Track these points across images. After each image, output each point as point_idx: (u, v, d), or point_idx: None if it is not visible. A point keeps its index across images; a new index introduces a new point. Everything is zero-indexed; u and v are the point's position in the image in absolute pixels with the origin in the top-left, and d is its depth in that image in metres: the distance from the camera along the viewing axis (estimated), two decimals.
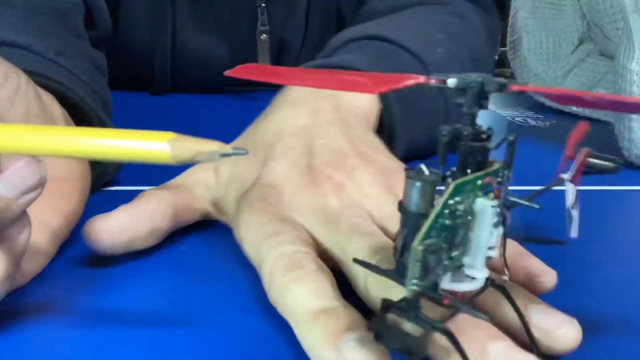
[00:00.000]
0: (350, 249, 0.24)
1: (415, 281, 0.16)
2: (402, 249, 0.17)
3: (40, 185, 0.19)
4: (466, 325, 0.18)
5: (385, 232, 0.26)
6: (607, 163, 0.46)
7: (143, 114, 0.61)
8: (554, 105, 0.72)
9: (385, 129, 0.40)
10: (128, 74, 0.63)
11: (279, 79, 0.19)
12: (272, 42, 0.65)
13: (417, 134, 0.42)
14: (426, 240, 0.15)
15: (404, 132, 0.41)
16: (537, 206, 0.19)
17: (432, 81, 0.16)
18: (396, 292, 0.17)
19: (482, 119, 0.17)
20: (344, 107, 0.34)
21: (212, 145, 0.16)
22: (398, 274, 0.17)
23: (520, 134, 0.17)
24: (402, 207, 0.17)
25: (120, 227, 0.26)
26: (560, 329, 0.19)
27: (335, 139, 0.30)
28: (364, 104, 0.37)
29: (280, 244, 0.24)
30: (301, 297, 0.21)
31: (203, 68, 0.66)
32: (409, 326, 0.16)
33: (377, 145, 0.32)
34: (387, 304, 0.17)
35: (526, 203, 0.18)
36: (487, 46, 0.55)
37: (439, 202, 0.16)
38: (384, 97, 0.39)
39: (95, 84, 0.39)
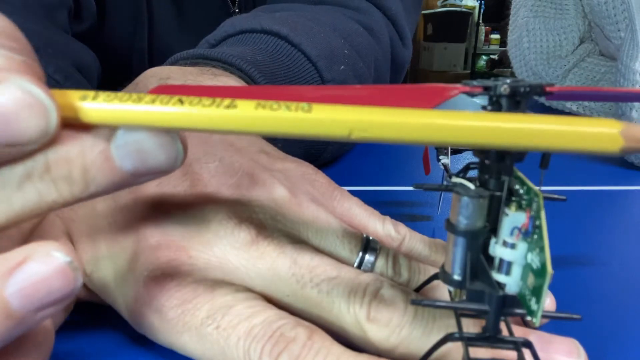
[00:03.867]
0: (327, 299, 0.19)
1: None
2: (472, 275, 0.15)
3: (71, 296, 0.14)
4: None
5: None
6: None
7: None
8: (554, 105, 0.72)
9: None
10: (110, 72, 0.62)
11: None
12: None
13: None
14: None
15: None
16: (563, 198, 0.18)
17: (478, 89, 0.14)
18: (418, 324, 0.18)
19: None
20: None
21: None
22: (474, 303, 0.15)
23: None
24: (457, 228, 0.15)
25: None
26: None
27: (229, 158, 0.23)
28: None
29: (239, 317, 0.18)
30: None
31: None
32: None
33: (271, 151, 0.26)
34: (465, 340, 0.15)
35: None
36: (389, 73, 0.52)
37: (542, 219, 0.14)
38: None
39: (69, 83, 0.38)
